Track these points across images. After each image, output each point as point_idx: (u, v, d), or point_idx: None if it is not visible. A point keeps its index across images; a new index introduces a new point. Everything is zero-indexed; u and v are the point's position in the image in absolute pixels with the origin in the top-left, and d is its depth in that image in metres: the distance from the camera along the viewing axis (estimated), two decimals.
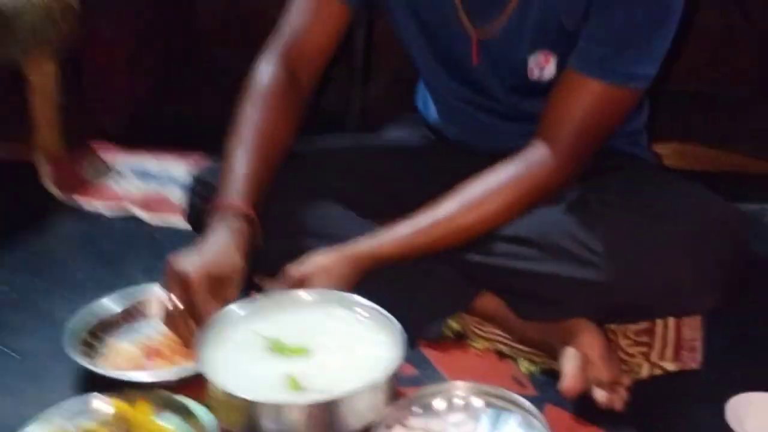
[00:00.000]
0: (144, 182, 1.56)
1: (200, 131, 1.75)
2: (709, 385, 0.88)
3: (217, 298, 0.87)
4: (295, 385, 0.76)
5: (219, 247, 0.90)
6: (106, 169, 1.61)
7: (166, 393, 0.83)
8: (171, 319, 0.89)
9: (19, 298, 1.12)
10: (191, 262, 0.88)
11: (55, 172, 1.55)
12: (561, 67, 0.99)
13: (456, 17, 1.02)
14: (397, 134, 1.23)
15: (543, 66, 1.01)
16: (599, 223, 0.90)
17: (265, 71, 1.06)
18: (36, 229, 1.35)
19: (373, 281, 0.94)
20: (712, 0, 2.39)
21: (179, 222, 1.25)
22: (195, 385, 0.83)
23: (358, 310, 0.88)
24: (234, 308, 0.86)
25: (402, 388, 0.83)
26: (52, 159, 1.58)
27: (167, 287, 0.89)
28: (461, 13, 1.01)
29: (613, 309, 0.92)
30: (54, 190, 1.50)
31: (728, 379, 0.88)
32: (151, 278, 1.05)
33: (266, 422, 0.73)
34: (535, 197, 0.97)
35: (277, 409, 0.73)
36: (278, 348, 0.81)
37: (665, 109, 2.31)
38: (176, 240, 1.17)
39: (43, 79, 1.59)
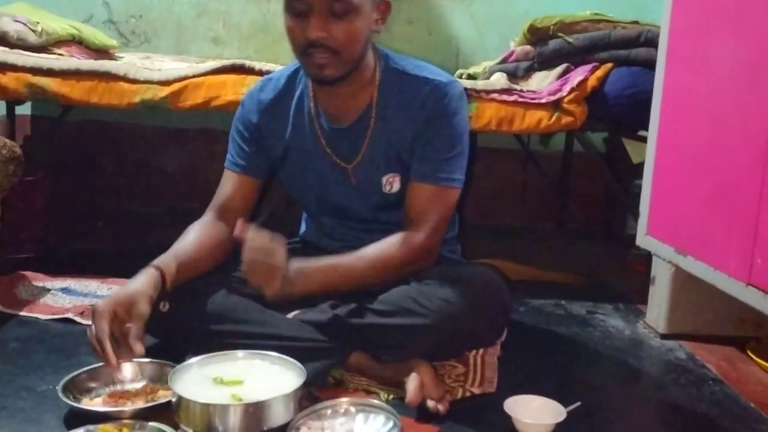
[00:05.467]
0: (71, 297, 1.90)
1: (100, 261, 2.17)
2: (498, 398, 1.36)
3: (130, 319, 1.26)
4: (236, 398, 1.17)
5: (130, 285, 1.32)
6: (38, 290, 1.94)
7: (140, 421, 1.19)
8: (90, 340, 1.27)
9: None
10: (102, 301, 1.29)
11: None
12: (402, 184, 1.51)
13: (330, 158, 1.53)
14: None
15: (392, 183, 1.54)
16: (427, 290, 1.38)
17: (202, 219, 1.55)
18: None
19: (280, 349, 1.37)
20: (515, 161, 3.19)
21: None
22: (160, 414, 1.21)
23: (272, 359, 1.31)
24: (191, 362, 1.27)
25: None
26: None
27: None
28: (333, 155, 1.53)
29: (437, 347, 1.40)
30: None
31: (509, 395, 1.36)
32: (95, 360, 1.33)
33: (217, 421, 1.13)
34: (406, 257, 1.43)
35: (224, 409, 1.13)
36: (221, 381, 1.23)
37: (487, 236, 3.02)
38: None
39: None
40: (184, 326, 1.44)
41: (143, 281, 1.33)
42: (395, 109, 1.49)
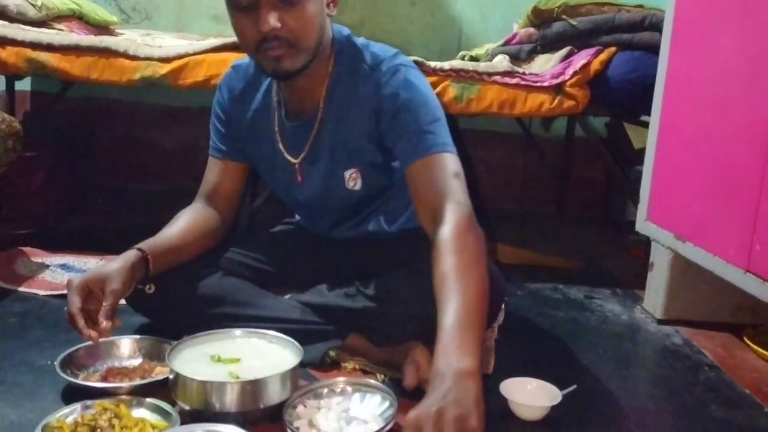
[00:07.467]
0: (70, 273, 1.90)
1: (98, 238, 2.16)
2: (494, 380, 1.36)
3: (105, 295, 1.25)
4: (234, 376, 1.17)
5: (108, 264, 1.31)
6: (37, 266, 1.94)
7: (138, 397, 1.20)
8: (66, 314, 1.26)
9: None
10: (77, 276, 1.28)
11: None
12: (363, 181, 1.45)
13: (282, 155, 1.48)
14: (276, 231, 1.73)
15: (354, 179, 1.45)
16: (420, 278, 1.30)
17: (192, 205, 1.54)
18: None
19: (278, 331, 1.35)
20: (515, 145, 3.17)
21: None
22: (157, 391, 1.21)
23: (270, 338, 1.32)
24: (189, 339, 1.27)
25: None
26: None
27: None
28: (284, 151, 1.48)
29: (430, 332, 1.39)
30: None
31: (505, 377, 1.37)
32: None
33: (214, 398, 1.13)
34: (468, 235, 1.17)
35: (221, 386, 1.13)
36: (218, 359, 1.23)
37: (486, 219, 3.01)
38: None
39: None
40: (180, 310, 1.45)
41: (122, 260, 1.32)
42: (348, 99, 1.40)
